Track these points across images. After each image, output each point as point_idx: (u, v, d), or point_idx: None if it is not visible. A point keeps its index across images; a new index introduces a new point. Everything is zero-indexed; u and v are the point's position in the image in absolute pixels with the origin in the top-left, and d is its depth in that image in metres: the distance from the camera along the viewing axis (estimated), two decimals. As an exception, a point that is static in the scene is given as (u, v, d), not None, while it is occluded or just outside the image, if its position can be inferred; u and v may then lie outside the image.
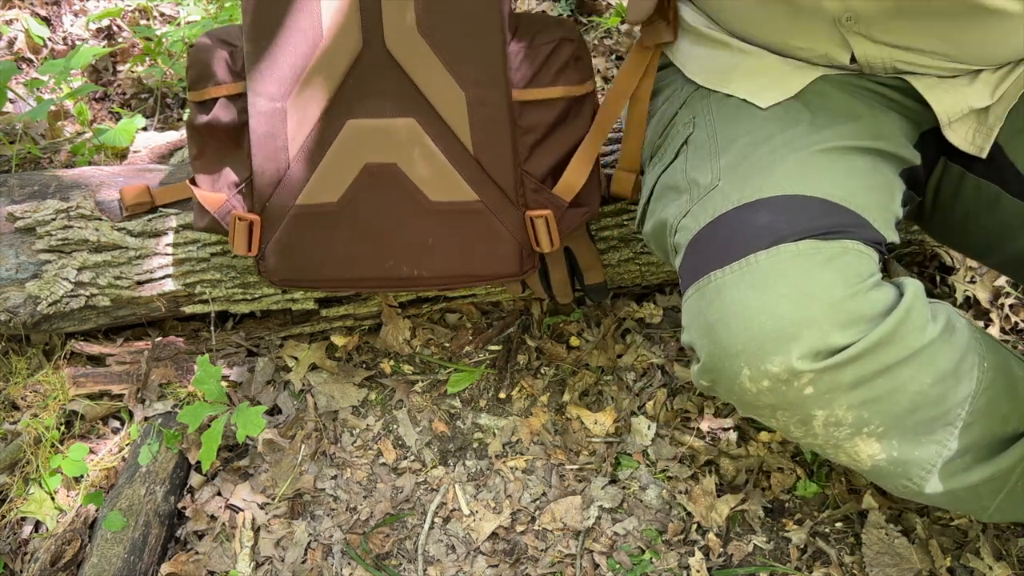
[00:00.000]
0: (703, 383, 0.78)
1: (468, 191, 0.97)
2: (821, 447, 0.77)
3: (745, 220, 0.75)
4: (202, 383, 1.11)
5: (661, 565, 1.01)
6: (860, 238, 0.74)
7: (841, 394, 0.71)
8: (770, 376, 0.70)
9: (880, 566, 0.97)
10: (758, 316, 0.70)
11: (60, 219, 1.15)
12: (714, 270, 0.74)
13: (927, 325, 0.72)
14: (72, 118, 1.68)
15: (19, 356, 1.24)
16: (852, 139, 0.82)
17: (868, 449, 0.75)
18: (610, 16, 2.01)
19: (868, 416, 0.72)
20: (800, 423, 0.74)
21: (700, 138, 0.87)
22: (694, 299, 0.76)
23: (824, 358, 0.69)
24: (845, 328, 0.69)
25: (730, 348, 0.72)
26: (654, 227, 0.90)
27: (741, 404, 0.76)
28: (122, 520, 1.03)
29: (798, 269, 0.71)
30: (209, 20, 1.79)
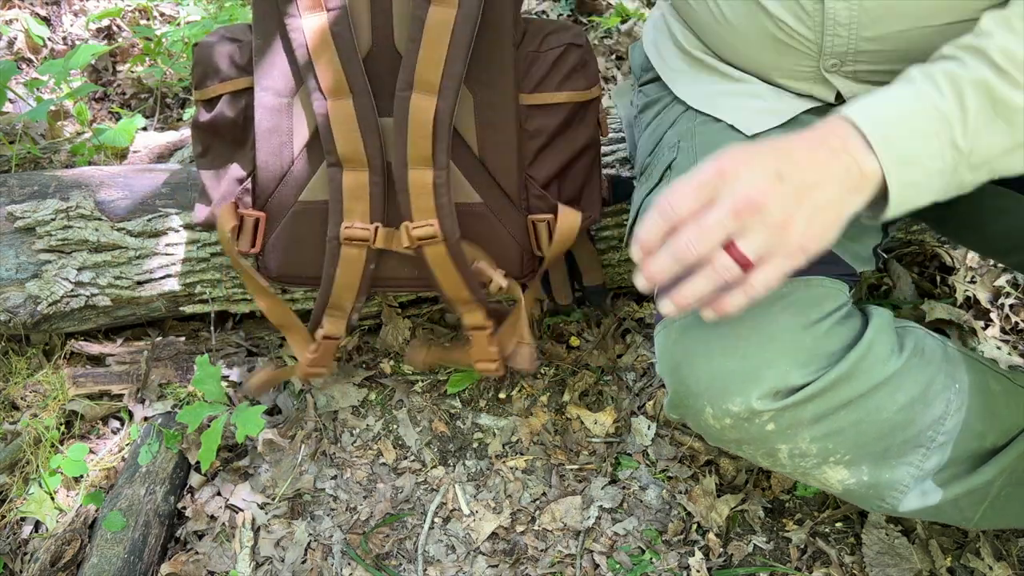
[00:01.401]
0: (673, 416, 0.79)
1: (472, 192, 0.97)
2: (791, 474, 0.78)
3: None
4: (201, 383, 1.11)
5: (661, 565, 1.01)
6: (825, 273, 0.74)
7: (803, 429, 0.71)
8: (731, 415, 0.72)
9: (880, 566, 0.97)
10: (717, 358, 0.72)
11: (60, 219, 1.15)
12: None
13: (890, 357, 0.72)
14: (72, 118, 1.68)
15: (19, 356, 1.24)
16: None
17: (837, 475, 0.75)
18: (610, 16, 2.01)
19: (833, 447, 0.73)
20: (766, 455, 0.76)
21: (683, 164, 0.87)
22: (661, 336, 0.78)
23: (783, 397, 0.70)
24: (804, 367, 0.70)
25: (693, 387, 0.73)
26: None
27: (709, 438, 0.77)
28: (122, 520, 1.03)
29: (758, 308, 0.71)
30: (209, 20, 1.79)
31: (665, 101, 0.97)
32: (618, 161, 1.20)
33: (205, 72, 0.99)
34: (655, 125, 0.98)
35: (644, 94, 1.03)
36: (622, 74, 1.86)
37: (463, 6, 0.87)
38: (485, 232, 0.99)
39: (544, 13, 2.02)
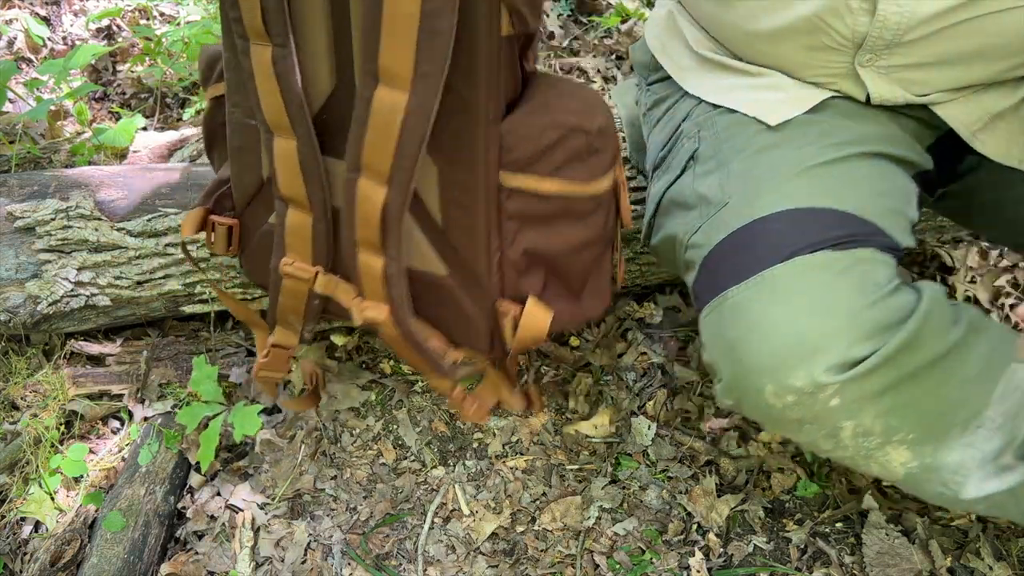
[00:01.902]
0: (727, 402, 0.76)
1: (436, 263, 0.86)
2: (852, 459, 0.75)
3: (758, 235, 0.75)
4: (199, 384, 1.11)
5: (661, 565, 1.00)
6: (874, 246, 0.73)
7: (868, 403, 0.70)
8: (794, 391, 0.70)
9: (880, 566, 0.97)
10: (778, 331, 0.70)
11: (60, 219, 1.15)
12: (730, 287, 0.73)
13: (949, 328, 0.71)
14: (72, 118, 1.68)
15: (19, 356, 1.24)
16: (861, 145, 0.81)
17: (900, 457, 0.74)
18: (610, 16, 2.01)
19: (897, 424, 0.71)
20: (828, 436, 0.73)
21: (706, 153, 0.86)
22: (712, 318, 0.75)
23: (848, 369, 0.68)
24: (867, 338, 0.68)
25: (752, 365, 0.71)
26: (662, 241, 0.89)
27: (768, 421, 0.75)
28: (122, 520, 1.03)
29: (815, 281, 0.70)
30: (209, 20, 1.79)
31: (676, 96, 0.97)
32: (618, 161, 1.20)
33: (209, 68, 0.97)
34: (667, 119, 0.97)
35: (653, 92, 1.03)
36: (622, 74, 1.86)
37: (416, 93, 0.71)
38: (450, 305, 0.88)
39: (544, 14, 2.02)
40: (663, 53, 0.99)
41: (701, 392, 1.19)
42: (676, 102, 0.97)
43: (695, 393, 1.19)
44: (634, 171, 1.20)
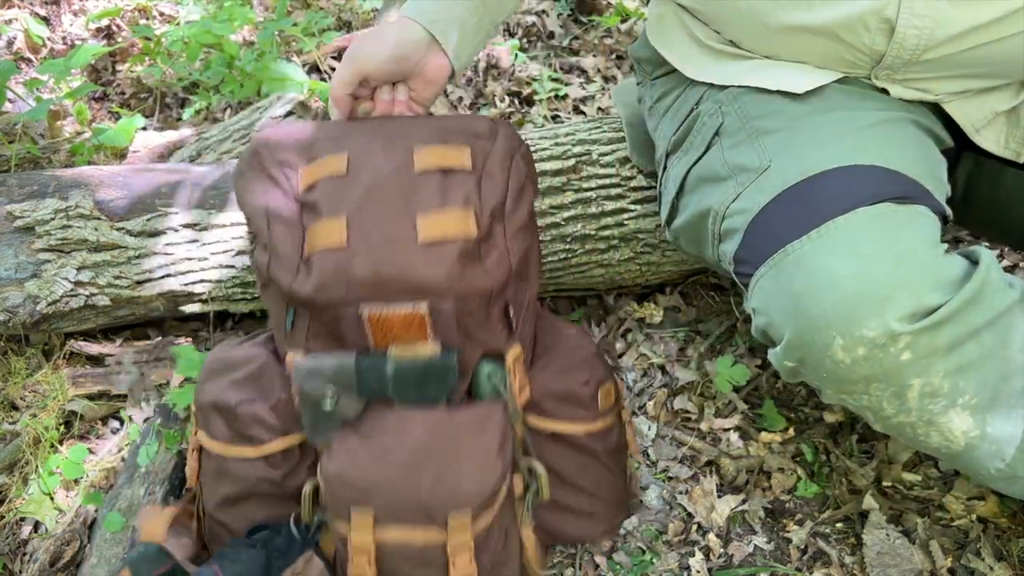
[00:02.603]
0: (788, 364, 0.74)
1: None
2: (913, 425, 0.73)
3: (814, 190, 0.74)
4: (187, 371, 1.11)
5: (661, 565, 1.00)
6: (928, 206, 0.73)
7: (938, 359, 0.68)
8: (866, 342, 0.68)
9: (881, 567, 0.97)
10: (847, 281, 0.68)
11: (59, 218, 1.15)
12: (790, 242, 0.72)
13: (1007, 289, 0.71)
14: (71, 118, 1.67)
15: (18, 356, 1.24)
16: (896, 111, 0.81)
17: (962, 424, 0.72)
18: (610, 15, 2.01)
19: (963, 385, 0.70)
20: (895, 396, 0.71)
21: (733, 126, 0.85)
22: (770, 277, 0.73)
23: (920, 319, 0.67)
24: (935, 288, 0.67)
25: (819, 318, 0.69)
26: (689, 219, 0.88)
27: (833, 380, 0.72)
28: (121, 520, 1.03)
29: (880, 230, 0.69)
30: (209, 20, 1.79)
31: (683, 86, 0.97)
32: (618, 161, 1.20)
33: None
34: (677, 107, 0.97)
35: (658, 86, 1.03)
36: (622, 74, 1.86)
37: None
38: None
39: (544, 13, 2.02)
40: (669, 49, 0.98)
41: (702, 392, 1.19)
42: (684, 90, 0.97)
43: (695, 393, 1.19)
44: (634, 171, 1.20)
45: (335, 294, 0.82)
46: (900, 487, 1.06)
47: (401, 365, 0.84)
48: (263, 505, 0.92)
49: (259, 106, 1.54)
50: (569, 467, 0.96)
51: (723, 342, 1.26)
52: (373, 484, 0.82)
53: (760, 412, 1.16)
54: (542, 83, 1.79)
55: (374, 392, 0.85)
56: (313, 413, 0.85)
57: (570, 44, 1.97)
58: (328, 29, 1.89)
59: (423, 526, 0.82)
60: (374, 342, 0.85)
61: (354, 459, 0.83)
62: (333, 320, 0.85)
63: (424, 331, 0.84)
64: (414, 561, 0.83)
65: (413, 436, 0.83)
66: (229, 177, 1.21)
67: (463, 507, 0.82)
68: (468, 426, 0.85)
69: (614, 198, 1.19)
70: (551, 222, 1.19)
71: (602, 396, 0.96)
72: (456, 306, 0.83)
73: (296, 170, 0.89)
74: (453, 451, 0.83)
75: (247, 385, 0.91)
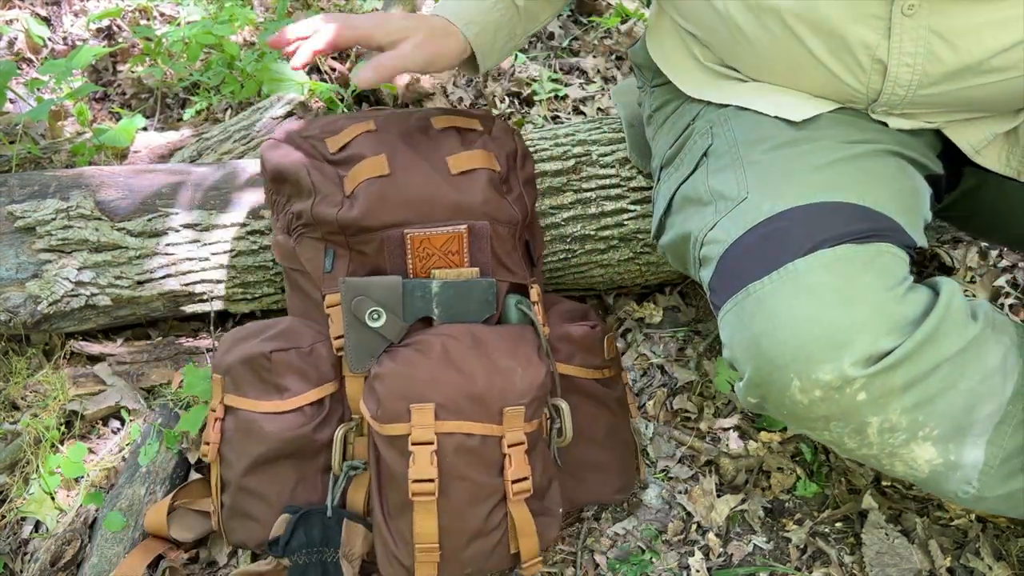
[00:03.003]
0: (751, 400, 0.76)
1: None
2: (876, 457, 0.75)
3: (779, 229, 0.74)
4: (193, 388, 1.11)
5: (661, 565, 1.01)
6: (893, 241, 0.73)
7: (894, 398, 0.69)
8: (822, 385, 0.69)
9: (880, 566, 0.97)
10: (804, 324, 0.69)
11: (60, 219, 1.15)
12: (752, 282, 0.73)
13: (968, 322, 0.71)
14: (72, 118, 1.68)
15: (19, 356, 1.24)
16: (878, 144, 0.82)
17: (925, 454, 0.73)
18: (610, 16, 2.01)
19: (923, 419, 0.71)
20: (855, 432, 0.73)
21: (720, 149, 0.86)
22: (733, 314, 0.74)
23: (875, 362, 0.68)
24: (891, 331, 0.68)
25: (778, 360, 0.70)
26: (673, 240, 0.89)
27: (793, 418, 0.74)
28: (122, 520, 1.03)
29: (839, 274, 0.70)
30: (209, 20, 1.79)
31: (682, 98, 0.97)
32: (618, 161, 1.20)
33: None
34: (674, 119, 0.97)
35: (658, 95, 1.03)
36: (622, 74, 1.87)
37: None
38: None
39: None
40: (668, 64, 0.99)
41: (701, 392, 1.20)
42: (682, 103, 0.97)
43: (695, 393, 1.19)
44: (634, 171, 1.20)
45: (382, 217, 0.91)
46: (899, 486, 1.06)
47: (446, 283, 0.91)
48: (293, 466, 0.94)
49: (259, 106, 1.54)
50: (585, 417, 0.99)
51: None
52: (431, 379, 0.86)
53: (760, 412, 1.16)
54: (542, 84, 1.79)
55: (418, 311, 0.91)
56: (358, 333, 0.90)
57: (570, 45, 1.97)
58: (328, 30, 1.89)
59: (481, 420, 0.86)
60: (414, 268, 0.92)
61: (408, 361, 0.88)
62: (377, 247, 0.92)
63: (461, 254, 0.92)
64: (473, 456, 0.86)
65: (461, 342, 0.88)
66: (230, 177, 1.21)
67: (516, 402, 0.87)
68: (508, 337, 0.91)
69: (614, 198, 1.19)
70: (551, 222, 1.19)
71: (607, 344, 1.03)
72: (491, 229, 0.92)
73: (323, 141, 0.98)
74: (499, 354, 0.88)
75: (279, 337, 0.95)
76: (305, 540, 0.91)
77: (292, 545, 0.91)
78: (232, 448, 0.95)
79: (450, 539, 0.87)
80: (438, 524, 0.86)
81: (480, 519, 0.87)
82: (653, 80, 1.05)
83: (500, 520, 0.88)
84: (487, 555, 0.88)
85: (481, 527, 0.87)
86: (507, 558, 0.90)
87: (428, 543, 0.86)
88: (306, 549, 0.91)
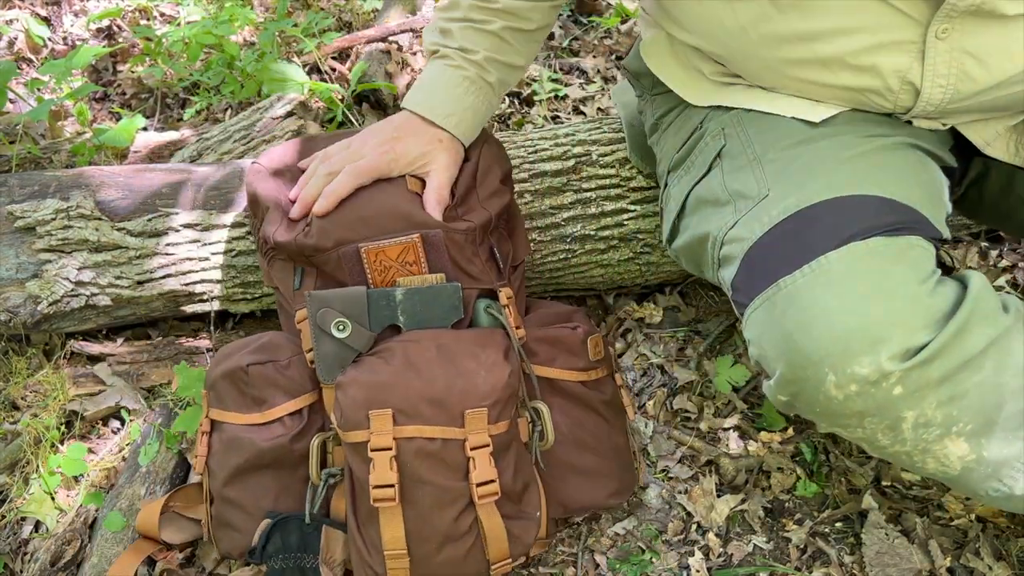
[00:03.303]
0: (781, 398, 0.75)
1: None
2: (909, 454, 0.74)
3: (808, 224, 0.74)
4: (187, 389, 1.11)
5: (661, 565, 1.01)
6: (920, 234, 0.73)
7: (930, 391, 0.68)
8: (858, 379, 0.68)
9: (880, 566, 0.97)
10: (840, 318, 0.68)
11: (60, 219, 1.16)
12: (782, 277, 0.72)
13: (999, 314, 0.71)
14: (72, 118, 1.68)
15: (19, 356, 1.24)
16: (896, 137, 0.82)
17: (958, 450, 0.72)
18: (610, 16, 2.01)
19: (957, 413, 0.70)
20: (889, 429, 0.72)
21: (735, 149, 0.85)
22: (762, 311, 0.73)
23: (911, 356, 0.67)
24: (926, 325, 0.68)
25: (812, 355, 0.69)
26: (689, 242, 0.89)
27: (826, 415, 0.73)
28: (122, 520, 1.03)
29: (873, 267, 0.69)
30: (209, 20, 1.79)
31: (687, 103, 0.97)
32: (618, 161, 1.20)
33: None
34: (679, 124, 0.97)
35: (661, 102, 1.03)
36: (621, 75, 1.87)
37: None
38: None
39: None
40: (667, 75, 0.98)
41: (701, 392, 1.20)
42: (687, 108, 0.97)
43: (695, 393, 1.19)
44: (634, 171, 1.20)
45: (335, 235, 0.92)
46: (899, 486, 1.06)
47: (409, 291, 0.91)
48: (273, 477, 0.94)
49: (260, 107, 1.54)
50: (570, 421, 0.98)
51: (722, 342, 1.26)
52: (389, 385, 0.86)
53: (759, 412, 1.16)
54: (542, 84, 1.79)
55: (384, 320, 0.92)
56: (325, 344, 0.90)
57: (570, 45, 1.97)
58: (329, 30, 1.89)
59: (441, 424, 0.86)
60: (375, 281, 0.93)
61: (370, 368, 0.88)
62: (336, 265, 0.93)
63: (419, 263, 0.93)
64: (434, 460, 0.86)
65: (424, 347, 0.89)
66: (230, 177, 1.21)
67: (478, 404, 0.86)
68: (473, 341, 0.90)
69: (614, 198, 1.19)
70: (551, 222, 1.19)
71: (591, 346, 1.00)
72: (445, 236, 0.92)
73: (297, 167, 1.04)
74: (462, 357, 0.88)
75: (258, 351, 0.96)
76: (282, 545, 0.92)
77: (268, 550, 0.92)
78: (216, 460, 0.96)
79: (419, 545, 0.86)
80: (405, 530, 0.85)
81: (447, 523, 0.86)
82: (654, 89, 1.04)
83: (471, 524, 0.87)
84: (460, 560, 0.88)
85: (450, 532, 0.86)
86: (483, 563, 0.89)
87: (397, 549, 0.86)
88: (283, 554, 0.91)
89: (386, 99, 1.67)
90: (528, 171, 1.20)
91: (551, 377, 0.98)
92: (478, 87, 0.98)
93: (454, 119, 0.98)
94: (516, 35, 0.99)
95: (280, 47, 1.80)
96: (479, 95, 0.99)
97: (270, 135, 1.45)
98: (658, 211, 1.19)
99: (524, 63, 1.02)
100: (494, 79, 0.99)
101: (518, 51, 1.00)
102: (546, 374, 0.98)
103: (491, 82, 0.99)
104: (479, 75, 0.98)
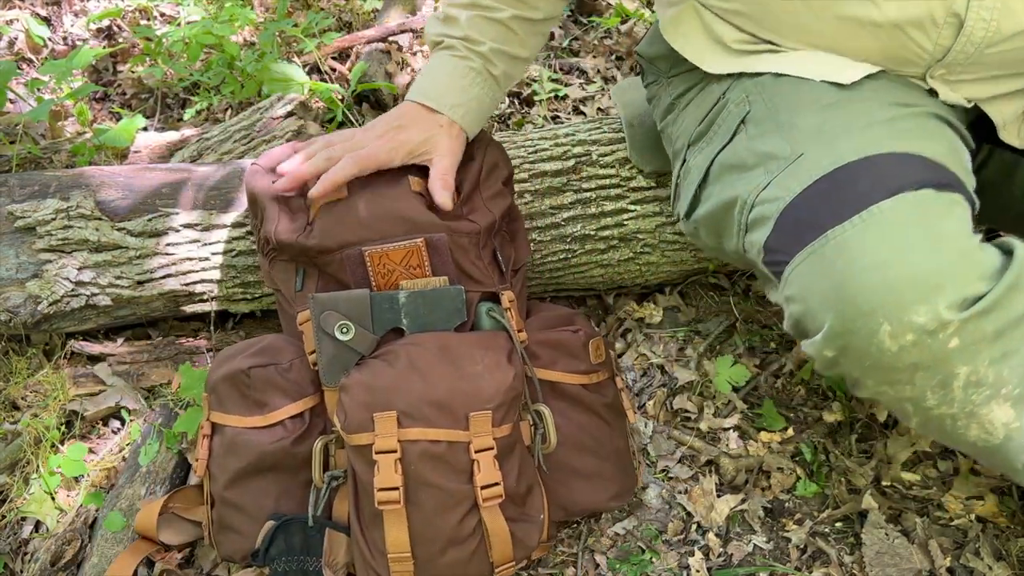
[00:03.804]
0: (828, 354, 0.72)
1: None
2: (954, 417, 0.72)
3: (853, 177, 0.73)
4: (189, 390, 1.11)
5: (661, 565, 1.01)
6: (962, 194, 0.72)
7: (985, 346, 0.67)
8: (915, 328, 0.66)
9: (880, 566, 0.97)
10: (895, 266, 0.67)
11: (60, 219, 1.16)
12: (832, 228, 0.70)
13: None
14: (73, 118, 1.68)
15: (19, 356, 1.24)
16: (925, 107, 0.82)
17: (1004, 415, 0.71)
18: (610, 16, 2.01)
19: (1007, 374, 0.69)
20: (940, 386, 0.70)
21: (760, 115, 0.85)
22: (808, 264, 0.72)
23: (969, 306, 0.66)
24: (981, 276, 0.67)
25: (865, 304, 0.67)
26: (713, 209, 0.88)
27: (876, 369, 0.70)
28: (122, 520, 1.03)
29: (925, 217, 0.68)
30: (209, 20, 1.79)
31: (706, 80, 0.96)
32: (618, 161, 1.20)
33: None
34: (699, 100, 0.96)
35: (679, 82, 1.02)
36: (622, 74, 1.87)
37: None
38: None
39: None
40: (689, 47, 0.97)
41: (701, 392, 1.20)
42: (707, 84, 0.96)
43: (694, 393, 1.19)
44: (634, 171, 1.20)
45: (338, 237, 0.92)
46: (899, 486, 1.06)
47: (413, 294, 0.91)
48: (274, 480, 0.94)
49: (260, 107, 1.54)
50: (571, 424, 0.98)
51: (722, 342, 1.26)
52: (393, 387, 0.86)
53: (759, 412, 1.16)
54: (542, 84, 1.79)
55: (387, 323, 0.91)
56: (329, 347, 0.90)
57: (570, 45, 1.97)
58: (329, 30, 1.89)
59: (446, 426, 0.86)
60: (377, 284, 0.93)
61: (373, 371, 0.88)
62: (339, 267, 0.93)
63: (422, 266, 0.93)
64: (439, 462, 0.86)
65: (427, 349, 0.89)
66: (230, 177, 1.21)
67: (482, 407, 0.86)
68: (476, 344, 0.90)
69: (614, 198, 1.19)
70: (551, 222, 1.19)
71: (592, 349, 1.00)
72: (449, 240, 0.92)
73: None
74: (466, 360, 0.88)
75: (259, 354, 0.96)
76: (285, 548, 0.92)
77: (271, 553, 0.92)
78: (217, 463, 0.96)
79: (423, 548, 0.86)
80: (409, 533, 0.85)
81: (452, 526, 0.86)
82: (670, 71, 1.04)
83: (475, 527, 0.87)
84: (464, 563, 0.88)
85: (454, 535, 0.86)
86: (487, 566, 0.89)
87: (400, 552, 0.85)
88: (286, 557, 0.92)
89: (386, 99, 1.68)
90: (528, 171, 1.20)
91: (553, 380, 0.98)
92: (484, 78, 0.99)
93: (460, 109, 0.97)
94: (523, 24, 0.99)
95: (280, 47, 1.80)
96: (484, 87, 0.99)
97: (270, 135, 1.45)
98: (658, 210, 1.20)
99: (528, 55, 1.02)
100: (499, 72, 0.99)
101: (524, 42, 1.00)
102: (548, 377, 0.98)
103: (496, 75, 0.99)
104: (484, 67, 0.98)
